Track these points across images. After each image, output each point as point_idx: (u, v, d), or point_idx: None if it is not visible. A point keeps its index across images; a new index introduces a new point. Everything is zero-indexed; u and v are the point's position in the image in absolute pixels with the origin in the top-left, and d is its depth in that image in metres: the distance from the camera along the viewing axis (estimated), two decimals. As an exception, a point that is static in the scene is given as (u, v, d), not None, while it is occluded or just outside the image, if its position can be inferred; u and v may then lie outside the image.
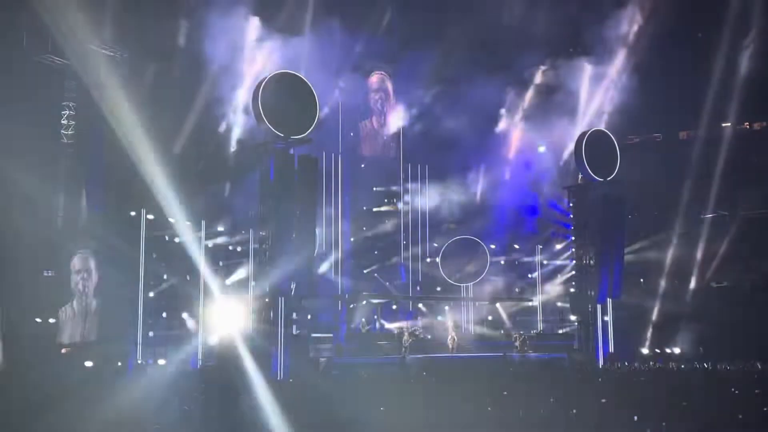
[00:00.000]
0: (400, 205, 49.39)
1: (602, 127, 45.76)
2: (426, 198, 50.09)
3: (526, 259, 52.03)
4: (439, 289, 49.20)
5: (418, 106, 49.89)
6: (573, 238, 46.87)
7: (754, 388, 23.96)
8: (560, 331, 48.60)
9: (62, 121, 36.33)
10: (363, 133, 50.48)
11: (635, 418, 17.32)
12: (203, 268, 38.89)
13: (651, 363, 39.27)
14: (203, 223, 39.29)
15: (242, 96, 39.27)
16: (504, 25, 47.23)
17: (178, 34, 38.68)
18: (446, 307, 48.05)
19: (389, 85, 51.35)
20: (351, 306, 43.21)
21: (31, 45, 37.51)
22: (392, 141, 51.05)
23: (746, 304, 46.31)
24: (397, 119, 50.67)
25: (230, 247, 42.29)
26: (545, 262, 51.06)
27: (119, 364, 34.03)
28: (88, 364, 32.50)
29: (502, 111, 50.10)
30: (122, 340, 34.40)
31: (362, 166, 49.04)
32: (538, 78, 49.85)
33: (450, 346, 41.82)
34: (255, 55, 39.63)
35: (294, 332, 36.79)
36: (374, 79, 50.80)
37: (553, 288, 50.18)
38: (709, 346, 42.83)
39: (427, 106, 49.54)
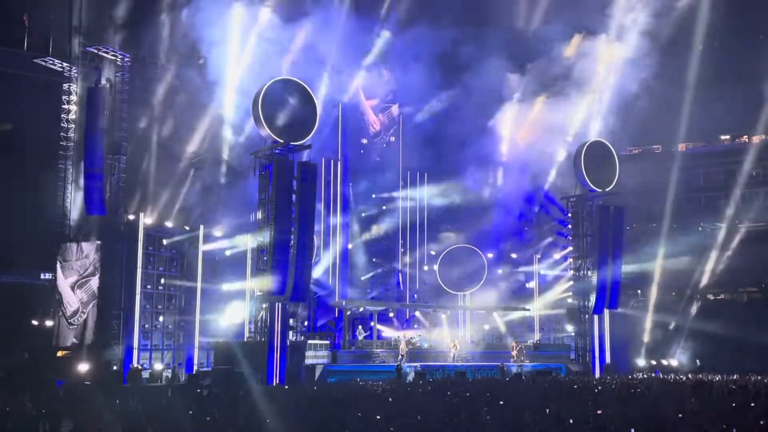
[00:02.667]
0: (398, 212, 49.33)
1: (602, 137, 45.88)
2: (425, 203, 50.09)
3: (523, 269, 51.98)
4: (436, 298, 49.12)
5: (419, 104, 49.66)
6: (571, 248, 46.94)
7: (750, 400, 23.94)
8: (557, 342, 48.56)
9: (62, 125, 36.31)
10: (363, 137, 50.40)
11: (632, 430, 17.28)
12: (200, 272, 38.91)
13: (648, 374, 39.29)
14: (201, 227, 39.28)
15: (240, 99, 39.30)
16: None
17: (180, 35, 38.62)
18: (443, 316, 48.00)
19: (389, 86, 51.23)
20: (348, 313, 43.12)
21: (32, 47, 37.59)
22: (391, 146, 50.94)
23: (743, 317, 46.34)
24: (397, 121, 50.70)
25: (228, 253, 42.26)
26: (543, 272, 51.03)
27: (115, 367, 33.97)
28: (84, 367, 32.42)
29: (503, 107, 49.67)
30: (119, 343, 34.31)
31: (361, 173, 48.94)
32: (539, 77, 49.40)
33: (452, 355, 41.75)
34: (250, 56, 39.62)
35: (291, 338, 36.79)
36: (374, 78, 50.59)
37: (551, 298, 50.11)
38: (705, 358, 42.83)
39: (430, 105, 49.37)
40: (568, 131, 46.93)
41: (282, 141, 35.16)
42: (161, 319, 38.54)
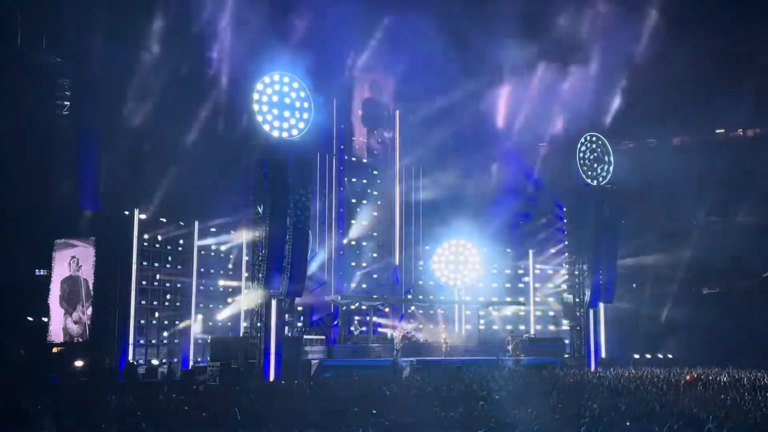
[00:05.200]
0: (396, 208, 49.20)
1: (597, 131, 45.85)
2: (420, 198, 49.94)
3: (519, 263, 52.05)
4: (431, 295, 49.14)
5: (415, 101, 49.28)
6: (566, 242, 47.00)
7: (745, 394, 24.04)
8: (553, 336, 48.62)
9: (56, 119, 36.15)
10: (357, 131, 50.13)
11: (627, 423, 17.35)
12: (195, 267, 38.90)
13: (643, 368, 39.37)
14: (196, 222, 39.27)
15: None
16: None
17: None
18: (439, 311, 48.02)
19: (385, 85, 51.00)
20: (344, 308, 43.13)
21: (26, 42, 37.38)
22: (388, 140, 50.72)
23: (738, 310, 46.44)
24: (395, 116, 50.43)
25: (223, 248, 42.27)
26: (538, 265, 51.08)
27: (110, 363, 33.92)
28: (80, 363, 32.38)
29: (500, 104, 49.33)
30: (114, 339, 34.26)
31: (357, 168, 48.82)
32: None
33: (443, 349, 41.79)
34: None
35: (287, 333, 36.79)
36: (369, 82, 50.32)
37: (546, 292, 50.18)
38: (700, 352, 42.91)
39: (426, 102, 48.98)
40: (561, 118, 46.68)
41: (277, 135, 35.12)
42: (157, 314, 38.53)
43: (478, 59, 46.68)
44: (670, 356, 45.91)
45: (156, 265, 38.88)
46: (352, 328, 43.29)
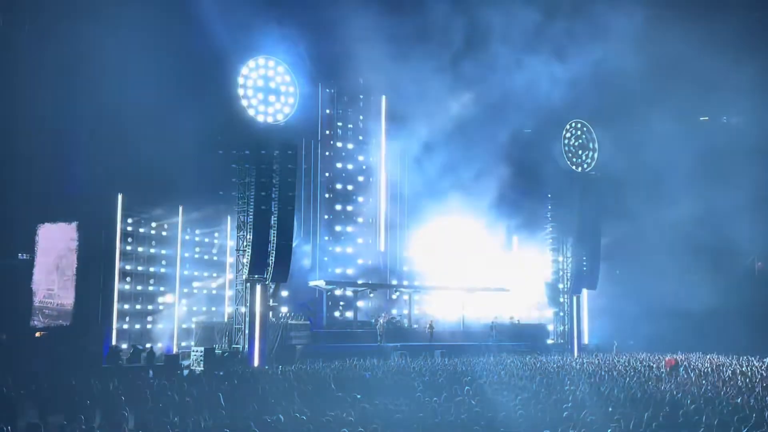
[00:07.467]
0: (381, 194, 49.13)
1: (583, 117, 45.97)
2: (406, 185, 49.88)
3: (504, 249, 52.14)
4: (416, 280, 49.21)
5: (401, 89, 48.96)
6: (551, 228, 47.18)
7: (725, 381, 24.30)
8: (537, 321, 48.84)
9: (39, 103, 35.74)
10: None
11: (609, 408, 17.49)
12: (179, 252, 38.75)
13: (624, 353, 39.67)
14: (181, 208, 39.06)
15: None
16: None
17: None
18: (424, 296, 48.10)
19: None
20: (328, 293, 43.14)
21: (8, 24, 36.93)
22: (374, 125, 50.48)
23: (720, 297, 46.79)
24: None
25: (208, 232, 42.16)
26: (523, 252, 51.20)
27: (94, 348, 33.76)
28: (63, 347, 32.21)
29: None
30: (97, 324, 34.08)
31: (343, 154, 48.66)
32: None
33: (429, 334, 41.93)
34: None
35: (271, 318, 36.77)
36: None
37: (531, 278, 50.33)
38: (684, 337, 43.26)
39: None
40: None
41: (262, 120, 34.98)
42: (140, 299, 38.38)
43: (467, 37, 46.42)
44: (653, 342, 46.24)
45: (139, 249, 38.69)
46: (337, 314, 43.39)
